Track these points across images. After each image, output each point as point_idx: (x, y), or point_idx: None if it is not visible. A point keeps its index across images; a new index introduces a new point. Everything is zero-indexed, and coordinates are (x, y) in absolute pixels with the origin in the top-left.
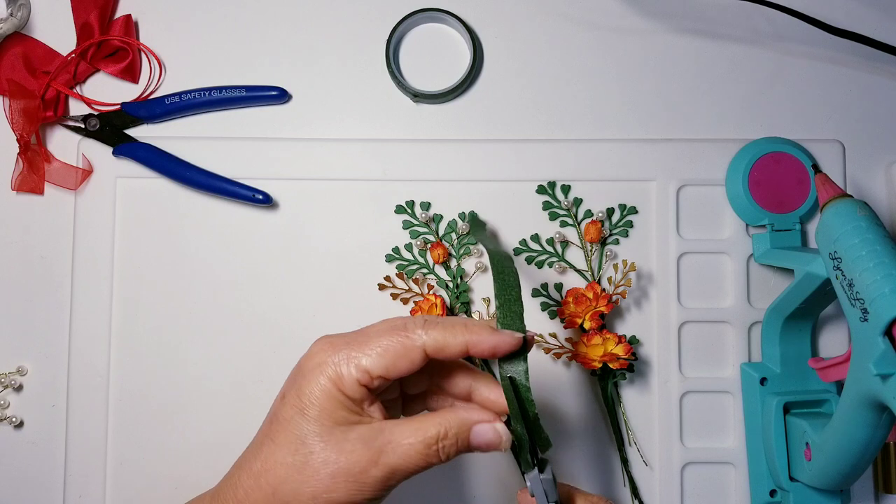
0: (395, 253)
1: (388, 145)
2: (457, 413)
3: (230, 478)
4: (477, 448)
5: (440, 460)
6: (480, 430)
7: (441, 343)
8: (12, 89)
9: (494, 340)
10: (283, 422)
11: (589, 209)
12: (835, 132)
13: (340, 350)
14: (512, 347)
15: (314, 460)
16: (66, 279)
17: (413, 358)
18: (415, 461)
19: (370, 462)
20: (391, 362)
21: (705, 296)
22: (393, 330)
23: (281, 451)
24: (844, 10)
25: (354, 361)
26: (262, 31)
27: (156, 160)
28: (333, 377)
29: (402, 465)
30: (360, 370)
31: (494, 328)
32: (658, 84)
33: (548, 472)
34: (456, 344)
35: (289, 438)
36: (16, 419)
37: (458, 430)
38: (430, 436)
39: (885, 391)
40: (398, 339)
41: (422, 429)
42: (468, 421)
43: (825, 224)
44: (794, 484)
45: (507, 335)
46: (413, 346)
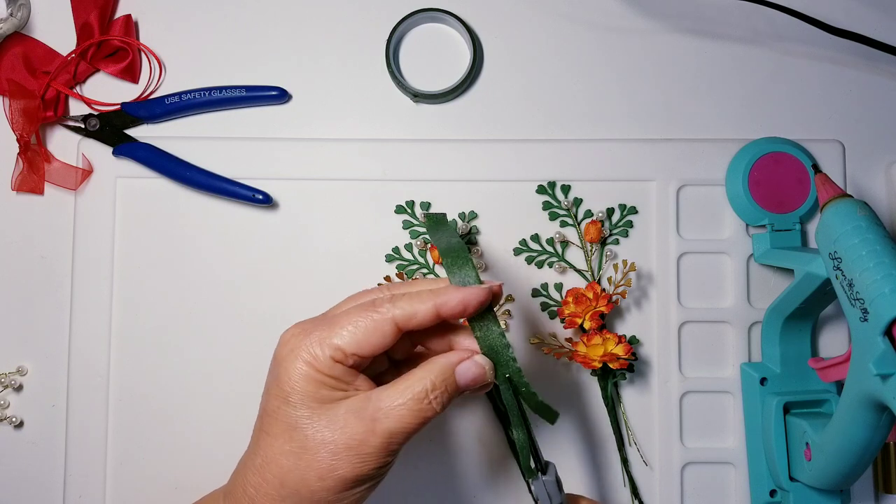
0: (395, 253)
1: (388, 145)
2: (436, 361)
3: (237, 476)
4: (466, 388)
5: (435, 412)
6: (463, 369)
7: (410, 312)
8: (12, 89)
9: (461, 296)
10: (271, 413)
11: (589, 209)
12: (835, 132)
13: (311, 333)
14: (481, 299)
15: (311, 443)
16: (66, 279)
17: (385, 332)
18: (410, 420)
19: (367, 432)
20: (363, 339)
21: (705, 296)
22: (361, 308)
23: (277, 441)
24: (844, 10)
25: (326, 341)
26: (262, 31)
27: (156, 160)
28: (308, 359)
29: (399, 428)
30: (332, 349)
31: (460, 286)
32: (658, 84)
33: (551, 473)
34: (425, 310)
35: (281, 428)
36: (16, 419)
37: (444, 377)
38: (419, 391)
39: (885, 391)
40: (367, 315)
41: (409, 387)
42: (449, 365)
43: (825, 224)
44: (794, 484)
45: (473, 288)
46: (383, 320)
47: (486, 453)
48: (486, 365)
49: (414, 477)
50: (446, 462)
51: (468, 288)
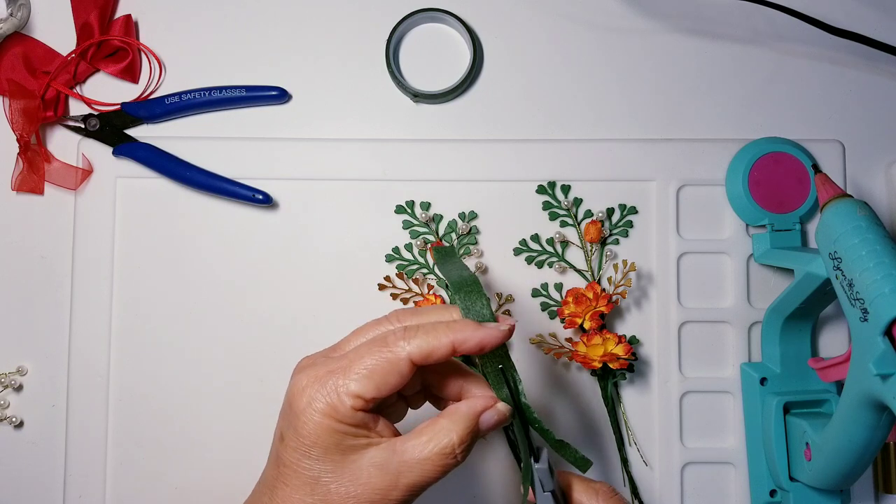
0: (395, 253)
1: (388, 145)
2: (461, 412)
3: None
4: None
5: (458, 463)
6: (487, 417)
7: (426, 350)
8: (12, 89)
9: (480, 336)
10: (289, 465)
11: (589, 209)
12: (835, 132)
13: (326, 381)
14: (498, 340)
15: (333, 497)
16: (66, 279)
17: (401, 371)
18: (434, 473)
19: (390, 486)
20: (380, 381)
21: (705, 296)
22: (374, 346)
23: (297, 493)
24: (844, 10)
25: (343, 389)
26: (262, 31)
27: (156, 160)
28: (328, 411)
29: (421, 481)
30: (352, 397)
31: (478, 323)
32: (658, 84)
33: (543, 461)
34: (441, 347)
35: (301, 480)
36: (16, 419)
37: (470, 429)
38: (445, 445)
39: (885, 391)
40: (382, 356)
41: (434, 439)
42: (475, 415)
43: (825, 224)
44: (794, 484)
45: (492, 328)
46: (398, 360)
47: (486, 453)
48: (507, 412)
49: None
50: None
51: (487, 327)
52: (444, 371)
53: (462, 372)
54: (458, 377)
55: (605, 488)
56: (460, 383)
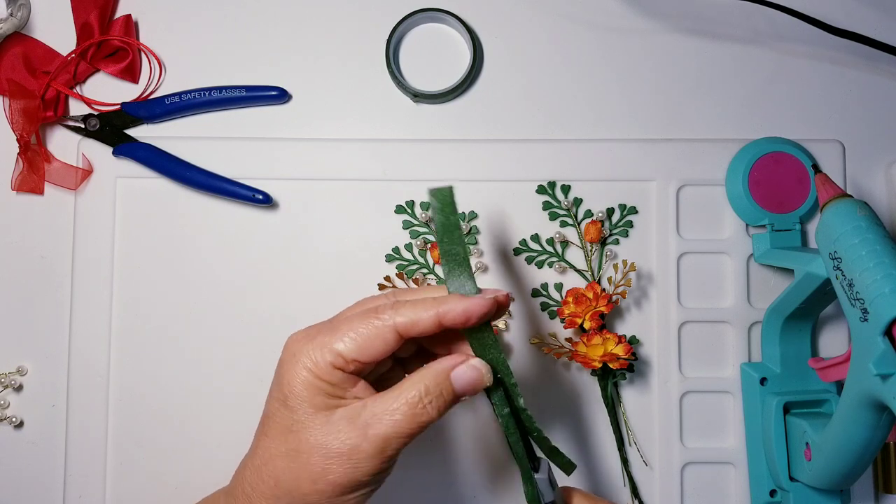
0: (395, 253)
1: (388, 145)
2: (431, 367)
3: (238, 475)
4: (463, 393)
5: (431, 417)
6: (459, 373)
7: (412, 320)
8: (12, 89)
9: (464, 306)
10: (270, 415)
11: (589, 209)
12: (835, 132)
13: (314, 338)
14: (484, 311)
15: (304, 447)
16: (66, 279)
17: (386, 339)
18: (404, 426)
19: (359, 437)
20: (364, 345)
21: (705, 296)
22: (364, 314)
23: (274, 443)
24: (844, 10)
25: (328, 347)
26: (262, 31)
27: (156, 160)
28: (309, 365)
29: (392, 433)
30: (333, 354)
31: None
32: (658, 84)
33: (543, 472)
34: (427, 318)
35: (278, 430)
36: (16, 419)
37: (438, 382)
38: (412, 396)
39: (885, 391)
40: (369, 322)
41: (402, 394)
42: (444, 370)
43: (825, 224)
44: (794, 484)
45: (477, 299)
46: (384, 327)
47: (486, 454)
48: (482, 368)
49: (413, 478)
50: (445, 462)
51: (472, 298)
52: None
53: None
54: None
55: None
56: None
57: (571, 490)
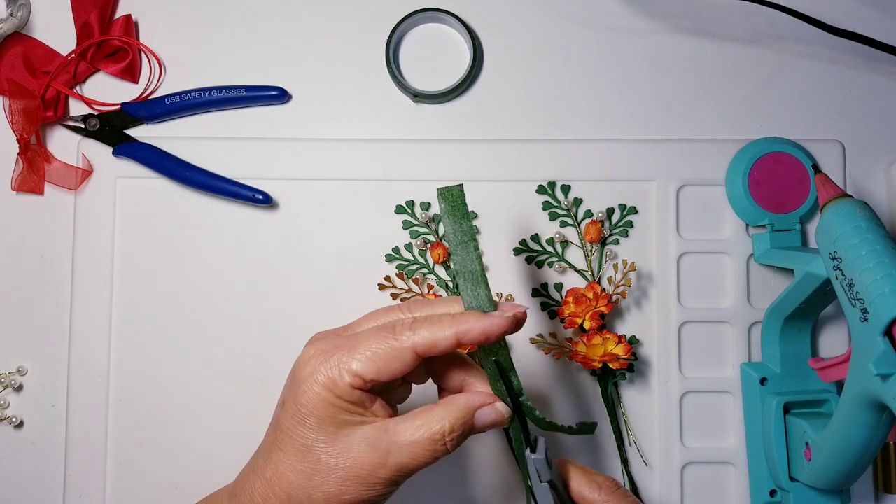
0: (395, 253)
1: (388, 145)
2: (457, 403)
3: (245, 482)
4: (481, 431)
5: (448, 452)
6: (483, 414)
7: (430, 341)
8: (12, 89)
9: (484, 325)
10: (286, 431)
11: (589, 209)
12: (835, 132)
13: (331, 356)
14: (503, 330)
15: (322, 466)
16: (66, 279)
17: (404, 360)
18: (423, 458)
19: (378, 464)
20: (382, 366)
21: (705, 296)
22: (382, 332)
23: (289, 459)
24: (844, 10)
25: (346, 367)
26: (262, 31)
27: (156, 160)
28: (327, 384)
29: (410, 463)
30: (351, 375)
31: (482, 313)
32: (658, 84)
33: (540, 451)
34: (445, 338)
35: (295, 447)
36: (16, 419)
37: (464, 420)
38: (436, 431)
39: (885, 391)
40: (387, 342)
41: (426, 424)
42: (471, 408)
43: (825, 224)
44: (794, 484)
45: (496, 317)
46: (402, 349)
47: (486, 453)
48: (505, 413)
49: (414, 477)
50: (446, 462)
51: (492, 317)
52: (448, 362)
53: (465, 365)
54: (460, 370)
55: (608, 482)
56: (462, 376)
57: (568, 463)
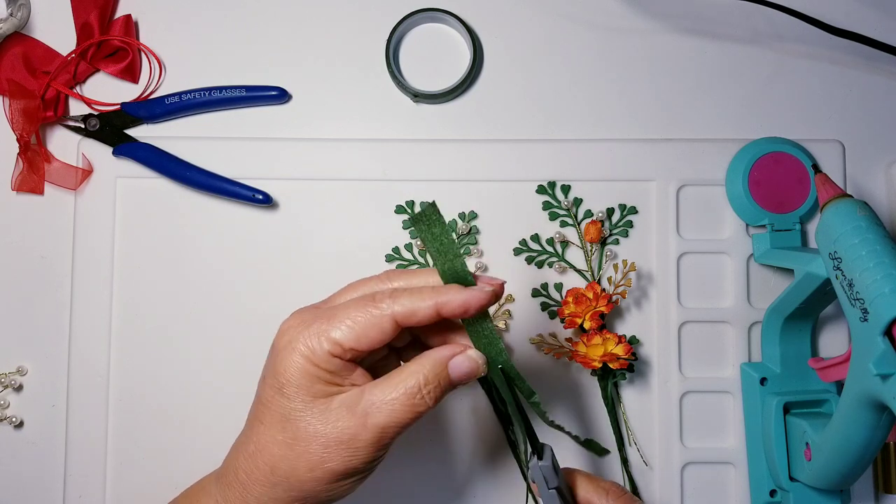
0: (395, 253)
1: (388, 145)
2: (429, 356)
3: (229, 460)
4: (459, 382)
5: (428, 407)
6: (456, 363)
7: (410, 310)
8: (12, 89)
9: (463, 297)
10: (265, 402)
11: (589, 209)
12: (835, 132)
13: (310, 325)
14: (483, 302)
15: (302, 435)
16: (66, 279)
17: (384, 328)
18: (402, 415)
19: (358, 426)
20: (361, 333)
21: (705, 296)
22: (362, 301)
23: (270, 430)
24: (844, 10)
25: (325, 335)
26: (262, 31)
27: (156, 160)
28: (306, 353)
29: (390, 422)
30: (330, 343)
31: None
32: (658, 84)
33: (547, 458)
34: (425, 308)
35: (274, 418)
36: (16, 419)
37: (437, 372)
38: (411, 386)
39: (885, 391)
40: (367, 310)
41: (401, 382)
42: (442, 359)
43: (825, 224)
44: (794, 484)
45: (476, 290)
46: (382, 316)
47: (487, 453)
48: (479, 359)
49: (414, 477)
50: (446, 462)
51: (471, 290)
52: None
53: (449, 324)
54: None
55: (615, 488)
56: (446, 335)
57: (574, 472)
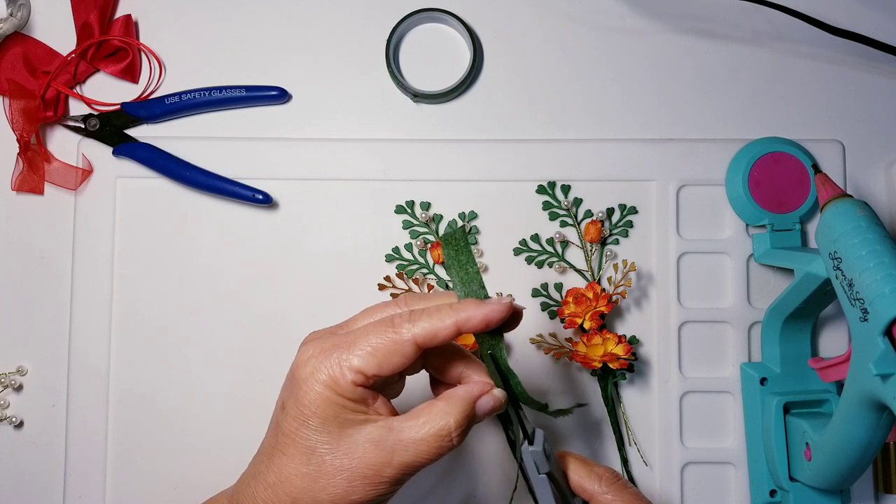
0: (395, 253)
1: (388, 145)
2: (458, 396)
3: (246, 487)
4: (481, 419)
5: (454, 447)
6: (483, 403)
7: (431, 332)
8: (12, 89)
9: (484, 312)
10: (288, 434)
11: (589, 209)
12: (835, 132)
13: (331, 354)
14: (503, 314)
15: (327, 468)
16: (66, 279)
17: (405, 353)
18: (429, 455)
19: (384, 463)
20: (383, 360)
21: (705, 296)
22: (380, 326)
23: (293, 462)
24: (844, 10)
25: (346, 364)
26: (262, 31)
27: (156, 160)
28: (329, 383)
29: (416, 461)
30: (353, 372)
31: (480, 301)
32: (658, 84)
33: (538, 444)
34: (445, 328)
35: (298, 450)
36: (16, 419)
37: (467, 413)
38: (441, 427)
39: (885, 391)
40: (387, 336)
41: (430, 421)
42: (472, 399)
43: (825, 224)
44: (794, 484)
45: (494, 303)
46: (402, 341)
47: (487, 453)
48: (502, 398)
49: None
50: (446, 461)
51: (489, 303)
52: (447, 355)
53: (463, 357)
54: (459, 362)
55: (608, 473)
56: (461, 368)
57: (568, 455)
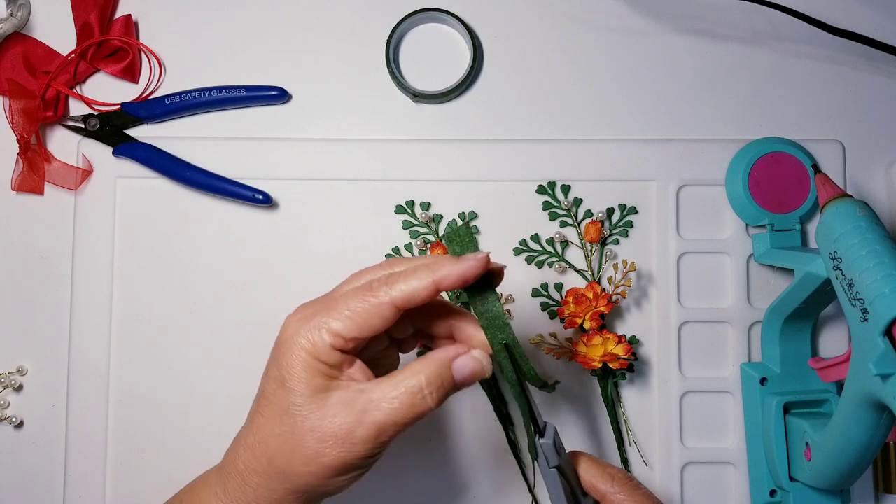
0: (395, 253)
1: (388, 145)
2: (433, 356)
3: (230, 453)
4: (463, 384)
5: (429, 407)
6: (460, 364)
7: (408, 293)
8: (12, 89)
9: (460, 269)
10: (267, 395)
11: (589, 209)
12: (835, 132)
13: (312, 318)
14: (478, 270)
15: (300, 428)
16: (66, 279)
17: (384, 315)
18: (402, 414)
19: (354, 423)
20: (362, 323)
21: (705, 296)
22: (360, 290)
23: (269, 423)
24: (844, 10)
25: (325, 327)
26: (262, 31)
27: (156, 160)
28: (307, 346)
29: (389, 420)
30: (332, 335)
31: (456, 257)
32: (658, 84)
33: (549, 436)
34: (423, 287)
35: (274, 411)
36: (16, 419)
37: (440, 373)
38: (413, 385)
39: (885, 391)
40: (365, 300)
41: (402, 381)
42: (446, 360)
43: (825, 224)
44: (794, 484)
45: (470, 259)
46: (381, 304)
47: (487, 453)
48: (483, 360)
49: (414, 477)
50: (446, 462)
51: (465, 259)
52: (433, 313)
53: (451, 311)
54: (447, 317)
55: (620, 474)
56: (450, 322)
57: (579, 454)
